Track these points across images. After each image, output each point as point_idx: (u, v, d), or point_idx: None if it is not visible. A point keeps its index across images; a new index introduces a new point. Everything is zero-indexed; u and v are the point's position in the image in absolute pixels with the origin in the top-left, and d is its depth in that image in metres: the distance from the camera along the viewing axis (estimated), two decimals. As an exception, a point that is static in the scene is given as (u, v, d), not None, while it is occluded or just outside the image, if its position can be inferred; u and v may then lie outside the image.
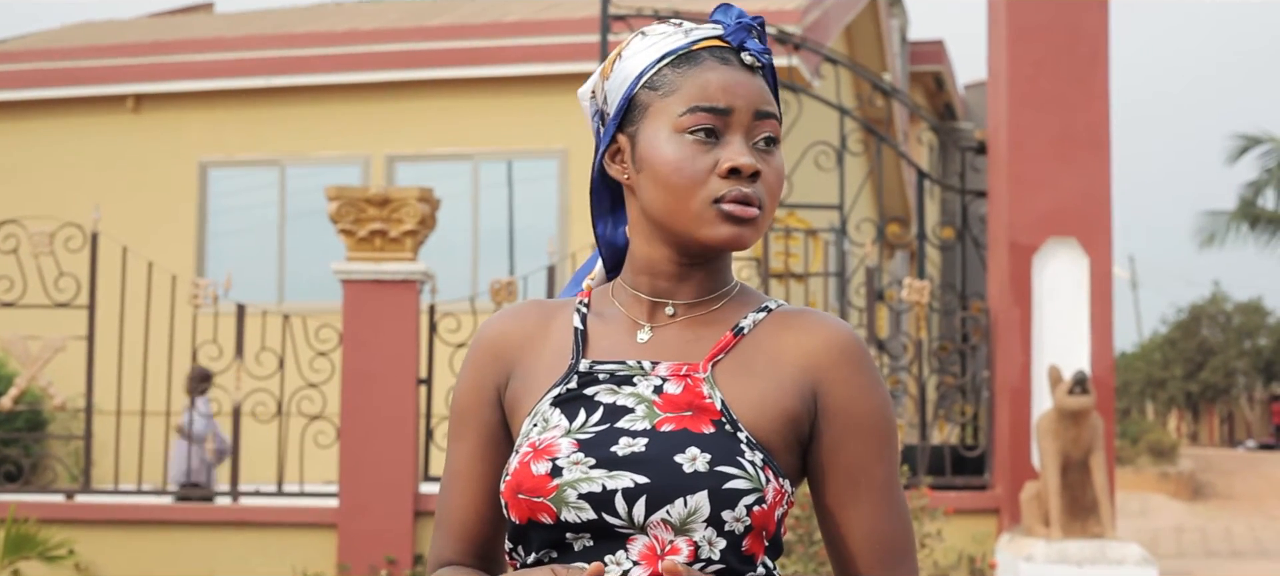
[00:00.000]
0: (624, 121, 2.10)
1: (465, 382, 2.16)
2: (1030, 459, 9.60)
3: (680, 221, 2.03)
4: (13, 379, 12.24)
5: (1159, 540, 16.98)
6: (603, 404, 2.03)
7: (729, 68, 2.06)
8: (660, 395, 2.03)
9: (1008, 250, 9.87)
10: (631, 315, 2.12)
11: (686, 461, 1.95)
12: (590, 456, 1.97)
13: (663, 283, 2.10)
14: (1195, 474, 25.20)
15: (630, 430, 1.99)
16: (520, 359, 2.13)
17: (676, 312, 2.10)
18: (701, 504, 1.94)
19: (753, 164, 2.02)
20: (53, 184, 16.12)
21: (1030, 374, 9.76)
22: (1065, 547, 8.65)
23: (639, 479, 1.95)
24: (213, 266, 15.97)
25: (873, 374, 2.09)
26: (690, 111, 2.03)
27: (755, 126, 2.05)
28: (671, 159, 2.02)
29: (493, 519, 2.14)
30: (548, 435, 2.01)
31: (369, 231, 9.38)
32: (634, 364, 2.07)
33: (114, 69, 16.76)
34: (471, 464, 2.14)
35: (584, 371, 2.07)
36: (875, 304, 10.13)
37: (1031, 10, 10.05)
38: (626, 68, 2.11)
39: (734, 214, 2.01)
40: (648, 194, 2.06)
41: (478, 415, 2.14)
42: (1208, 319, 46.37)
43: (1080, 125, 9.93)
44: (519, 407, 2.10)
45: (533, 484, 1.97)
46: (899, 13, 24.64)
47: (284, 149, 16.41)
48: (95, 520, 9.61)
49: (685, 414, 2.00)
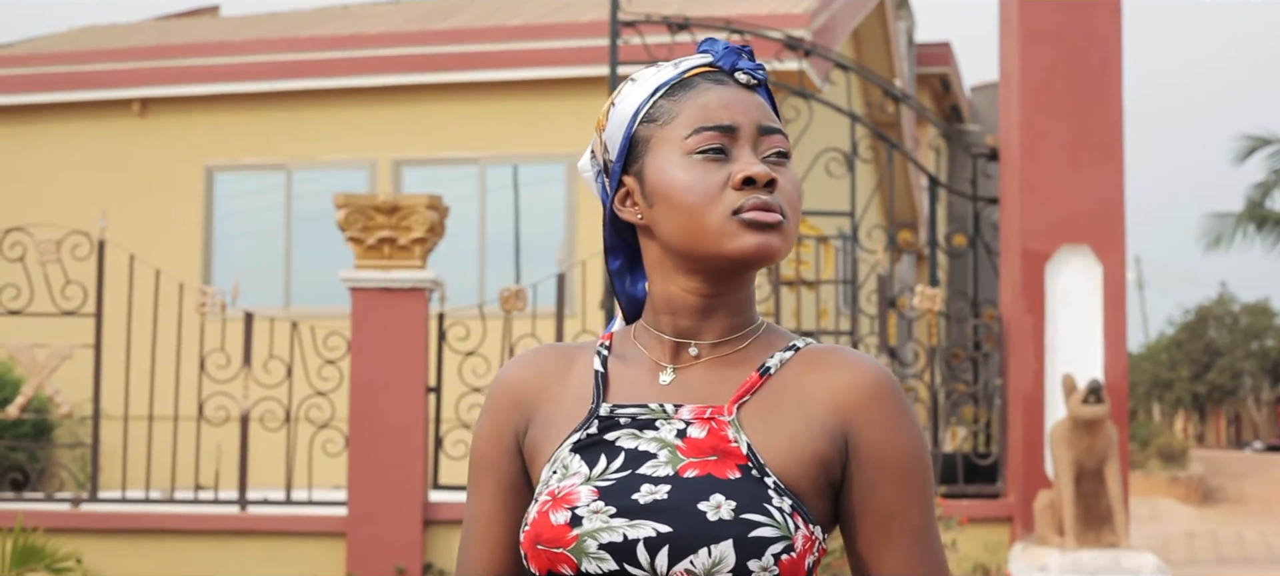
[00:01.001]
0: (628, 162, 2.06)
1: (483, 430, 2.11)
2: (1043, 467, 9.54)
3: (703, 242, 1.97)
4: (19, 387, 12.20)
5: (1170, 546, 16.92)
6: (624, 449, 1.97)
7: (725, 87, 2.03)
8: (684, 439, 1.96)
9: (1020, 257, 9.81)
10: (654, 356, 2.06)
11: (711, 509, 1.89)
12: (611, 505, 1.91)
13: (685, 321, 2.04)
14: (1205, 478, 25.13)
15: (652, 476, 1.93)
16: (540, 405, 2.08)
17: (701, 353, 2.04)
18: (727, 553, 1.87)
19: (767, 171, 1.97)
20: (58, 188, 16.09)
21: (1043, 381, 9.70)
22: (1079, 557, 8.59)
23: (661, 528, 1.88)
24: (219, 271, 15.93)
25: (906, 414, 2.02)
26: (695, 133, 1.98)
27: (762, 141, 2.01)
28: (683, 180, 1.97)
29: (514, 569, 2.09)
30: (567, 483, 1.95)
31: (377, 239, 9.33)
32: (656, 407, 2.00)
33: (120, 73, 16.72)
34: (491, 514, 2.09)
35: (605, 416, 2.01)
36: (887, 311, 10.06)
37: (1043, 15, 9.99)
38: (621, 111, 2.07)
39: (757, 220, 1.95)
40: (665, 224, 2.00)
41: (497, 464, 2.09)
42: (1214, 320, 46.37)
43: (1093, 131, 9.87)
44: (539, 455, 2.04)
45: (552, 534, 1.92)
46: (906, 15, 24.60)
47: (290, 153, 16.36)
48: (102, 529, 9.57)
49: (710, 458, 1.94)
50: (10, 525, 8.37)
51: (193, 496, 10.01)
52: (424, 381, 9.53)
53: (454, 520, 9.26)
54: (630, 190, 2.05)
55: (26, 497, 9.98)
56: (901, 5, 23.88)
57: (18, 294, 9.76)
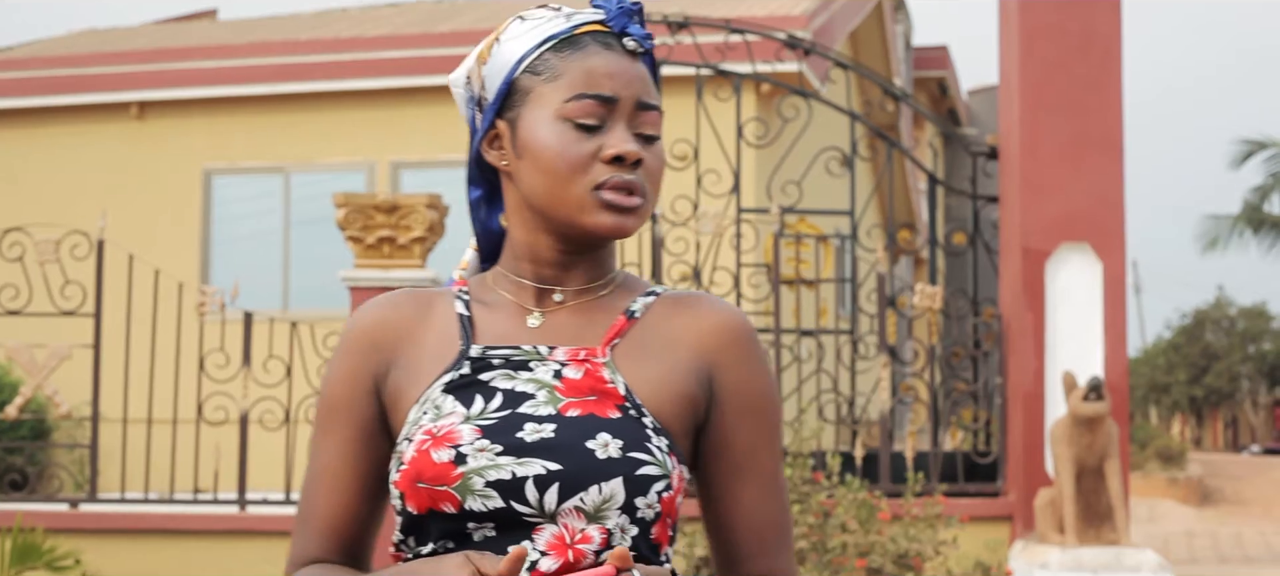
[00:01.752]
0: (503, 106, 2.06)
1: (339, 372, 2.07)
2: (1044, 465, 9.52)
3: (561, 209, 2.01)
4: (18, 387, 12.18)
5: (1170, 546, 16.91)
6: (500, 389, 1.98)
7: (613, 54, 2.04)
8: (561, 380, 1.99)
9: (1020, 255, 9.80)
10: (519, 301, 2.07)
11: (598, 447, 1.92)
12: (496, 443, 1.92)
13: (548, 270, 2.07)
14: (1203, 479, 25.11)
15: (535, 415, 1.95)
16: (401, 348, 2.06)
17: (565, 299, 2.07)
18: (616, 490, 1.91)
19: (637, 151, 2.00)
20: (57, 191, 16.08)
21: (1043, 380, 9.69)
22: (1080, 554, 8.57)
23: (551, 465, 1.90)
24: (218, 273, 15.92)
25: (764, 358, 2.11)
26: (575, 99, 2.00)
27: (637, 117, 2.04)
28: (554, 145, 1.99)
29: (364, 515, 2.06)
30: (444, 421, 1.95)
31: (377, 238, 9.32)
32: (530, 348, 2.03)
33: (118, 76, 16.72)
34: (344, 458, 2.05)
35: (476, 357, 2.02)
36: (886, 310, 10.06)
37: (1043, 13, 9.98)
38: (505, 52, 2.07)
39: (615, 202, 1.99)
40: (528, 180, 2.03)
41: (353, 407, 2.05)
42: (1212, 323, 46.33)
43: (1093, 129, 9.86)
44: (402, 398, 2.03)
45: (435, 472, 1.91)
46: (903, 18, 24.61)
47: (288, 156, 16.36)
48: (101, 529, 9.55)
49: (589, 398, 1.97)
50: (9, 525, 8.36)
51: (192, 496, 10.00)
52: (423, 380, 9.50)
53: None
54: (501, 135, 2.07)
55: (25, 498, 9.96)
56: (899, 8, 23.89)
57: (16, 294, 9.74)
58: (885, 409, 9.90)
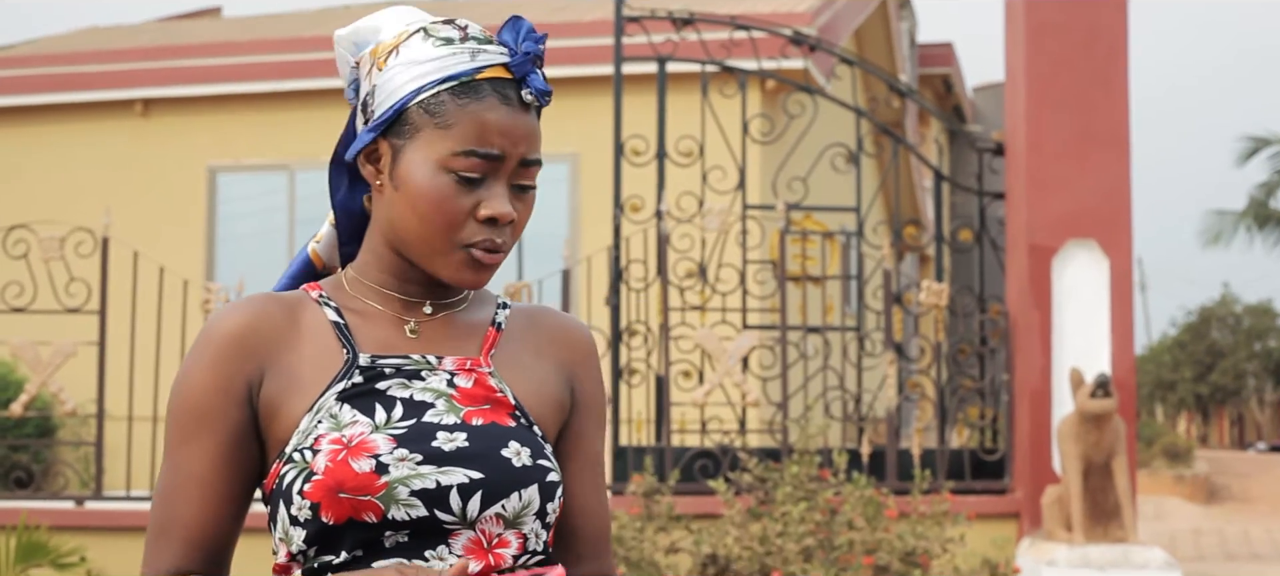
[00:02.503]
0: (389, 129, 2.04)
1: (203, 379, 2.01)
2: (1051, 462, 9.50)
3: (424, 254, 2.02)
4: (22, 385, 12.17)
5: (1177, 543, 16.89)
6: (398, 398, 1.99)
7: (508, 108, 2.01)
8: (455, 389, 2.02)
9: (1027, 252, 9.78)
10: (389, 311, 2.08)
11: (513, 455, 1.98)
12: (415, 452, 1.93)
13: (413, 286, 2.09)
14: (1210, 476, 25.10)
15: (443, 424, 1.97)
16: (274, 354, 2.02)
17: (433, 310, 2.09)
18: (533, 497, 1.98)
19: (510, 213, 2.01)
20: (61, 188, 16.07)
21: (1050, 376, 9.67)
22: (1088, 552, 8.56)
23: (473, 474, 1.94)
24: (222, 271, 15.91)
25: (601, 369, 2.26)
26: (464, 154, 1.98)
27: (520, 172, 2.03)
28: (432, 195, 1.99)
29: (230, 526, 2.02)
30: (353, 431, 1.94)
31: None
32: (419, 358, 2.04)
33: (122, 74, 16.70)
34: (213, 466, 2.00)
35: (367, 366, 2.01)
36: (892, 307, 10.03)
37: (1049, 10, 9.96)
38: (402, 76, 2.03)
39: (480, 260, 2.01)
40: (400, 215, 2.02)
41: (223, 414, 2.00)
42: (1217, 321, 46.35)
43: (1099, 125, 9.84)
44: (283, 406, 2.00)
45: (358, 482, 1.90)
46: (908, 15, 24.58)
47: (293, 153, 16.34)
48: (107, 527, 9.53)
49: (485, 407, 2.02)
50: (13, 522, 8.35)
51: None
52: (429, 378, 9.48)
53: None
54: (381, 155, 2.05)
55: (30, 496, 9.94)
56: (904, 6, 23.85)
57: (21, 291, 9.73)
58: (892, 406, 9.88)
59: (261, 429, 2.02)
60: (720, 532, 8.06)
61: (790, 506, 7.96)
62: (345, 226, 2.19)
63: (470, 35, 2.05)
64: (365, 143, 2.05)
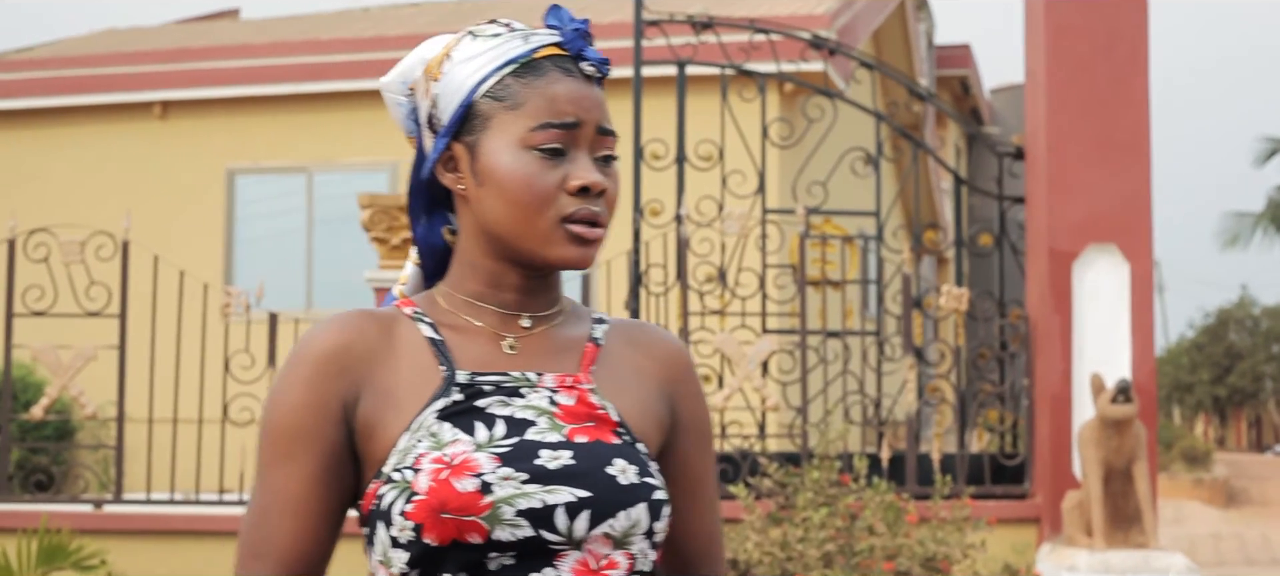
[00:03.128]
0: (460, 130, 2.02)
1: (298, 399, 1.97)
2: (1071, 467, 9.48)
3: (526, 240, 1.99)
4: (43, 388, 12.19)
5: (1196, 548, 16.84)
6: (500, 416, 1.95)
7: (573, 79, 2.01)
8: (557, 406, 1.99)
9: (1047, 256, 9.76)
10: (486, 326, 2.04)
11: (619, 473, 1.94)
12: (520, 471, 1.89)
13: (510, 296, 2.05)
14: (1229, 480, 25.04)
15: (546, 442, 1.93)
16: (370, 372, 1.99)
17: (532, 325, 2.05)
18: (641, 515, 1.94)
19: (602, 181, 1.99)
20: (80, 191, 16.11)
21: (1071, 381, 9.64)
22: (1108, 558, 8.53)
23: (579, 493, 1.90)
24: (241, 273, 15.94)
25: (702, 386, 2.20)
26: (541, 127, 1.97)
27: (598, 142, 2.02)
28: (519, 175, 1.97)
29: (326, 547, 1.99)
30: (453, 450, 1.90)
31: (402, 239, 9.31)
32: (519, 375, 2.00)
33: (141, 76, 16.74)
34: (310, 487, 1.96)
35: (466, 383, 1.97)
36: (911, 311, 10.02)
37: (1069, 12, 9.94)
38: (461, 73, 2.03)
39: (582, 235, 1.98)
40: (490, 209, 2.00)
41: (319, 434, 1.96)
42: (1235, 323, 46.24)
43: (1120, 129, 9.81)
44: (380, 425, 1.96)
45: (462, 502, 1.86)
46: (926, 17, 24.55)
47: (311, 155, 16.37)
48: (127, 530, 9.55)
49: (588, 425, 1.98)
50: (35, 526, 8.36)
51: (217, 497, 9.99)
52: (448, 382, 9.47)
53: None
54: (458, 159, 2.03)
55: (50, 499, 9.96)
56: (921, 7, 23.83)
57: (42, 295, 9.74)
58: (911, 411, 9.86)
59: (357, 448, 1.98)
60: (740, 537, 8.05)
61: (811, 511, 7.95)
62: (429, 264, 2.15)
63: (516, 26, 2.05)
64: (440, 150, 2.04)
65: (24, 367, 13.77)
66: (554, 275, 2.07)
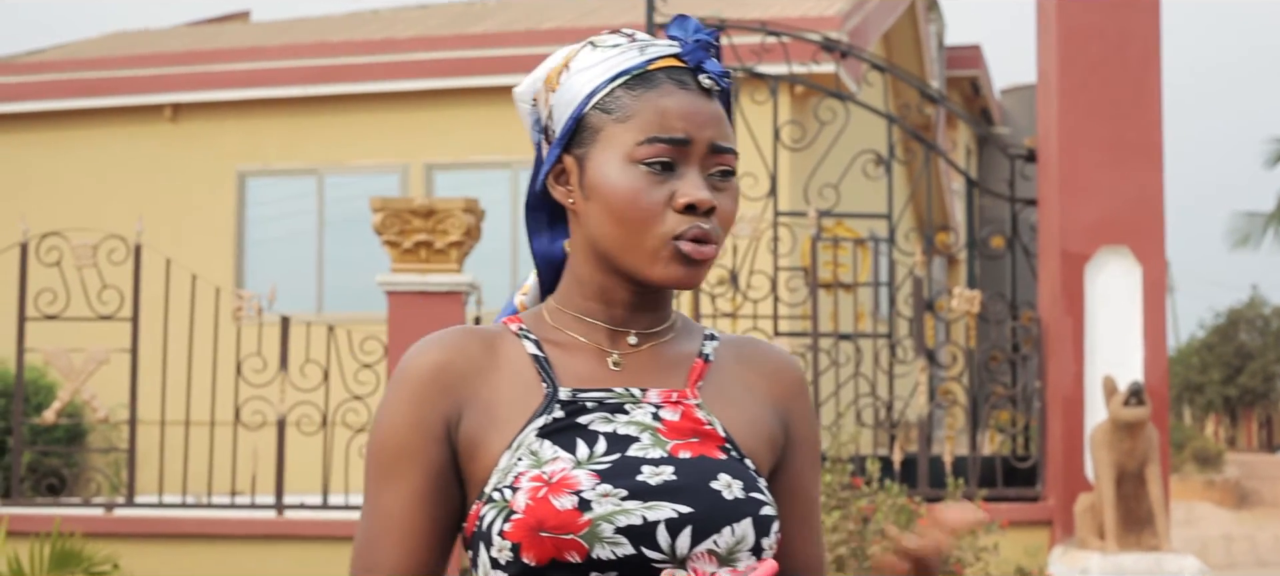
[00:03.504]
0: (571, 142, 1.99)
1: (402, 418, 1.95)
2: (1083, 470, 9.47)
3: (631, 257, 1.94)
4: (55, 392, 12.21)
5: (1208, 549, 16.82)
6: (602, 433, 1.91)
7: (687, 93, 1.95)
8: (661, 422, 1.94)
9: (1059, 259, 9.74)
10: (593, 342, 2.00)
11: (724, 488, 1.88)
12: (619, 488, 1.84)
13: (619, 311, 2.01)
14: (1240, 481, 24.98)
15: (648, 458, 1.89)
16: (472, 390, 1.96)
17: (639, 341, 2.01)
18: (747, 531, 1.88)
19: (710, 199, 1.93)
20: (90, 193, 16.12)
21: (1083, 384, 9.63)
22: (1121, 560, 8.52)
23: (681, 509, 1.85)
24: (252, 276, 15.95)
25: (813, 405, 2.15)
26: (648, 142, 1.92)
27: (711, 160, 1.95)
28: (625, 191, 1.92)
29: (434, 568, 1.97)
30: (553, 468, 1.86)
31: (414, 243, 9.30)
32: (622, 391, 1.96)
33: (152, 78, 16.75)
34: (414, 507, 1.94)
35: (568, 400, 1.93)
36: (923, 313, 10.01)
37: (1081, 13, 9.92)
38: (576, 84, 1.99)
39: (690, 254, 1.92)
40: (597, 224, 1.96)
41: (423, 453, 1.94)
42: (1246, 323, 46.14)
43: (1132, 131, 9.80)
44: (482, 444, 1.93)
45: (560, 520, 1.82)
46: (936, 18, 24.51)
47: (322, 158, 16.38)
48: (138, 534, 9.55)
49: (693, 440, 1.93)
50: (46, 529, 8.37)
51: (229, 501, 9.99)
52: (460, 385, 9.46)
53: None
54: (568, 171, 2.00)
55: (62, 502, 9.97)
56: (932, 8, 23.80)
57: (54, 298, 9.75)
58: (923, 413, 9.85)
59: (461, 468, 1.96)
60: (753, 541, 8.03)
61: (824, 514, 7.95)
62: (547, 276, 2.12)
63: (637, 37, 2.01)
64: (551, 162, 2.01)
65: (36, 371, 13.79)
66: (664, 291, 2.02)
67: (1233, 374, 45.35)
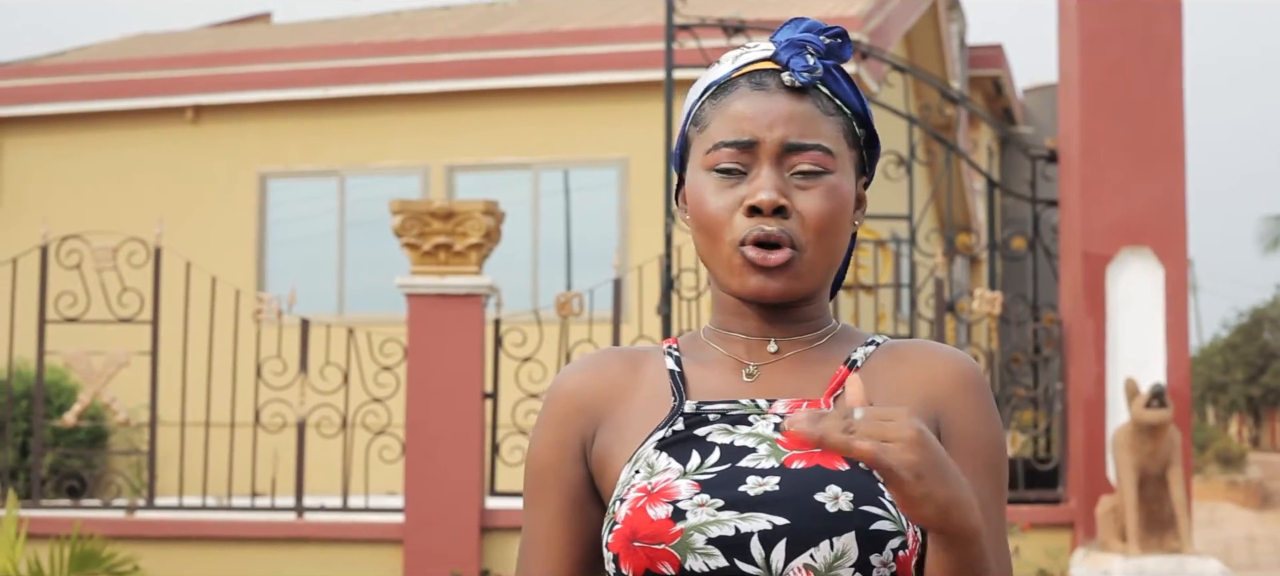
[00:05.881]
0: (682, 163, 2.00)
1: (543, 439, 1.98)
2: (1105, 472, 9.43)
3: (717, 270, 1.92)
4: (75, 394, 12.23)
5: (1231, 550, 16.75)
6: (718, 444, 1.86)
7: (762, 94, 1.91)
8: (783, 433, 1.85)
9: (1081, 260, 9.71)
10: (733, 354, 1.95)
11: (829, 500, 1.78)
12: (717, 498, 1.79)
13: (754, 322, 1.95)
14: (1264, 481, 24.90)
15: (758, 469, 1.82)
16: (610, 409, 1.96)
17: (780, 350, 1.94)
18: (849, 546, 1.77)
19: (773, 198, 1.86)
20: (112, 195, 16.14)
21: (1105, 385, 9.59)
22: (1143, 563, 8.49)
23: (776, 520, 1.77)
24: (273, 277, 15.96)
25: (993, 405, 1.94)
26: (714, 149, 1.90)
27: (790, 158, 1.89)
28: (697, 199, 1.91)
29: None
30: (659, 478, 1.83)
31: (433, 245, 9.30)
32: (747, 402, 1.90)
33: (173, 80, 16.77)
34: (554, 526, 1.96)
35: (691, 413, 1.90)
36: (944, 315, 9.98)
37: (1103, 14, 9.89)
38: (686, 105, 1.99)
39: (756, 260, 1.87)
40: (696, 241, 1.95)
41: (560, 473, 1.96)
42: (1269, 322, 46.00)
43: (1154, 132, 9.76)
44: (611, 460, 1.92)
45: (651, 530, 1.79)
46: (958, 17, 24.45)
47: (343, 159, 16.38)
48: (159, 536, 9.57)
49: (814, 451, 1.81)
50: (67, 532, 8.39)
51: (249, 503, 10.00)
52: (481, 387, 9.49)
53: (512, 526, 9.23)
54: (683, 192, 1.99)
55: (83, 505, 9.99)
56: (953, 7, 23.74)
57: (74, 301, 9.77)
58: (944, 415, 9.81)
59: (597, 486, 1.96)
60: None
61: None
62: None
63: (750, 45, 1.98)
64: (678, 185, 2.00)
65: (57, 373, 13.82)
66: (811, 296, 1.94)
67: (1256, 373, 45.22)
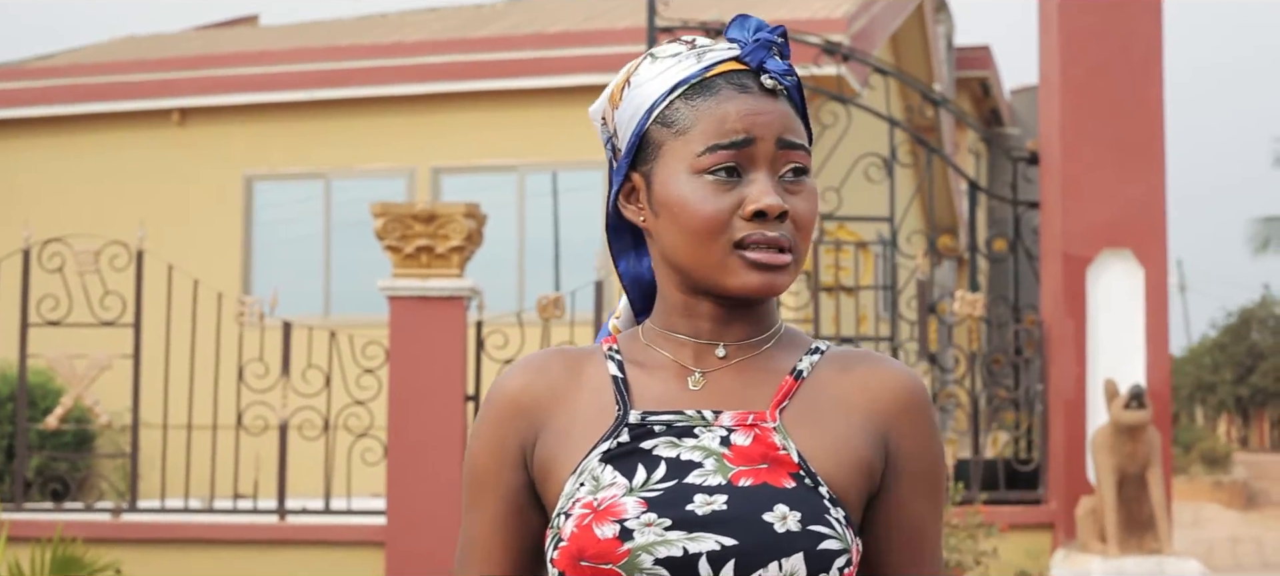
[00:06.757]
0: (637, 159, 1.94)
1: (482, 444, 1.95)
2: (1085, 473, 9.46)
3: (703, 270, 1.88)
4: (58, 397, 12.23)
5: (1214, 552, 16.78)
6: (664, 458, 1.84)
7: (747, 95, 1.88)
8: (729, 447, 1.84)
9: (1061, 261, 9.74)
10: (678, 359, 1.93)
11: (777, 520, 1.77)
12: (664, 517, 1.78)
13: (706, 325, 1.93)
14: (1248, 482, 24.92)
15: (704, 486, 1.80)
16: (550, 414, 1.92)
17: (728, 355, 1.93)
18: (798, 567, 1.76)
19: (779, 203, 1.85)
20: (97, 197, 16.15)
21: (1085, 387, 9.62)
22: (1123, 564, 8.52)
23: (725, 541, 1.76)
24: (258, 279, 15.96)
25: (936, 423, 1.96)
26: (708, 151, 1.86)
27: (780, 157, 1.88)
28: (690, 203, 1.86)
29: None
30: (605, 494, 1.81)
31: (415, 248, 9.31)
32: (693, 414, 1.88)
33: (159, 83, 16.78)
34: (492, 533, 1.93)
35: (636, 423, 1.88)
36: (927, 317, 10.00)
37: (1083, 15, 9.92)
38: (636, 98, 1.94)
39: (761, 261, 1.85)
40: (668, 240, 1.90)
41: (499, 478, 1.93)
42: (1258, 322, 46.04)
43: (1134, 134, 9.79)
44: (553, 468, 1.89)
45: (598, 549, 1.77)
46: (945, 18, 24.49)
47: (329, 162, 16.39)
48: (142, 538, 9.58)
49: (761, 467, 1.82)
50: (50, 535, 8.39)
51: (232, 505, 10.01)
52: (463, 390, 9.50)
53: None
54: (637, 188, 1.95)
55: (66, 508, 9.99)
56: (941, 9, 23.77)
57: (57, 304, 9.77)
58: (926, 416, 9.83)
59: (538, 492, 1.93)
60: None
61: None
62: (637, 298, 2.07)
63: (697, 44, 1.95)
64: (619, 182, 1.96)
65: (42, 375, 13.82)
66: (759, 300, 1.93)
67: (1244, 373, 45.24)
